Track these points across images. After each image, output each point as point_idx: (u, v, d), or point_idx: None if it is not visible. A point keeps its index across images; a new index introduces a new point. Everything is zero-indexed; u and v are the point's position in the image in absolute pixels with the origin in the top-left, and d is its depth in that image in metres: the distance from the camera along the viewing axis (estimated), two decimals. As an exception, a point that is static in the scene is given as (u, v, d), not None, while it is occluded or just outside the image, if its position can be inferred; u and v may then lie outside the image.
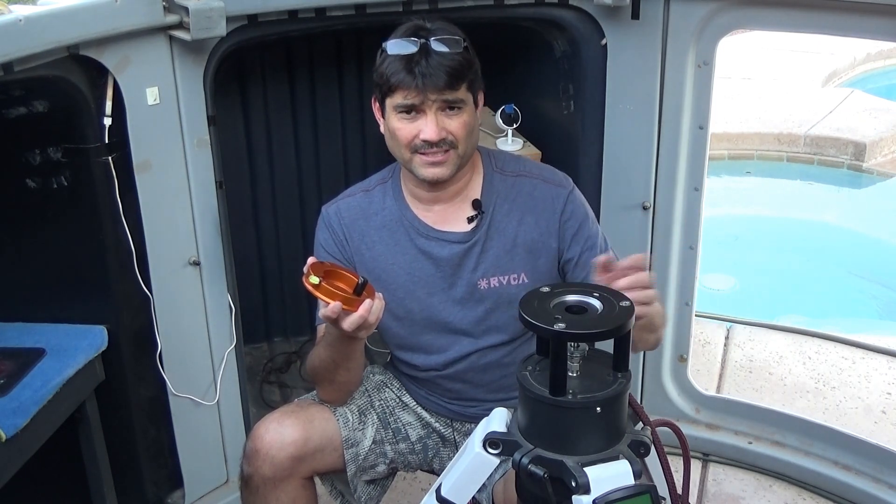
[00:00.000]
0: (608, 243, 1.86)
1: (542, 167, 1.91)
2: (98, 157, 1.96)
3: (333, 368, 1.76)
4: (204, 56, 2.03)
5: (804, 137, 6.06)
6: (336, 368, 1.76)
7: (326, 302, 1.53)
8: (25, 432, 1.82)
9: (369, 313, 1.55)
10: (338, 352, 1.71)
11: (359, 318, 1.55)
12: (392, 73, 1.66)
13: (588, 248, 1.80)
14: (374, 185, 1.88)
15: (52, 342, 2.04)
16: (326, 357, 1.74)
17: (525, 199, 1.82)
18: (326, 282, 1.55)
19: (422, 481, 2.44)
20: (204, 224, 2.16)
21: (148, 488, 2.31)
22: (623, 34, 2.27)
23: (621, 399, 1.25)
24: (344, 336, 1.61)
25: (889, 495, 2.36)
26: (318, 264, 1.58)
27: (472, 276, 1.81)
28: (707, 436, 2.63)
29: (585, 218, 1.83)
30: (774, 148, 6.11)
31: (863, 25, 2.08)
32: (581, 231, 1.81)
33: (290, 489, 1.79)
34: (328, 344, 1.71)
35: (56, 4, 1.82)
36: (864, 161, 5.88)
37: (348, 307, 1.54)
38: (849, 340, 3.26)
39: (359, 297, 1.56)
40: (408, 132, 1.69)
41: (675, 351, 2.60)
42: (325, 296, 1.53)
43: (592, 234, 1.82)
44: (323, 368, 1.77)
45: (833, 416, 2.81)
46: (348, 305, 1.54)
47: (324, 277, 1.55)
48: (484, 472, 1.31)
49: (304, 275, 1.55)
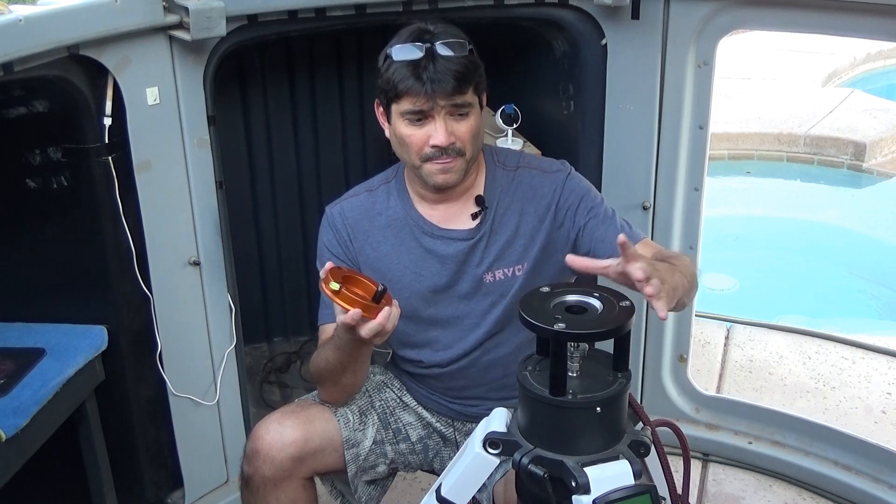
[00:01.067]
0: (617, 215, 1.84)
1: (540, 159, 1.93)
2: (98, 157, 1.96)
3: (340, 371, 1.76)
4: (204, 56, 2.03)
5: (804, 137, 6.06)
6: (342, 371, 1.76)
7: (346, 308, 1.53)
8: (25, 432, 1.82)
9: (388, 321, 1.56)
10: (346, 355, 1.71)
11: (377, 326, 1.55)
12: (399, 80, 1.65)
13: (593, 217, 1.80)
14: (377, 184, 1.88)
15: (52, 342, 2.04)
16: (333, 359, 1.74)
17: (525, 190, 1.83)
18: (345, 287, 1.55)
19: (422, 481, 2.44)
20: (204, 224, 2.16)
21: (148, 488, 2.31)
22: (623, 34, 2.27)
23: (621, 399, 1.25)
24: (357, 341, 1.61)
25: (889, 495, 2.36)
26: (336, 269, 1.58)
27: (478, 270, 1.81)
28: (707, 436, 2.63)
29: (587, 192, 1.83)
30: (774, 148, 6.11)
31: (863, 25, 2.08)
32: (583, 203, 1.80)
33: (291, 489, 1.79)
34: (336, 347, 1.71)
35: (56, 4, 1.82)
36: (864, 161, 5.88)
37: (367, 314, 1.54)
38: (849, 340, 3.26)
39: (377, 304, 1.57)
40: (418, 139, 1.69)
41: (675, 351, 2.61)
42: (345, 302, 1.53)
43: (596, 203, 1.82)
44: (328, 370, 1.77)
45: (833, 416, 2.81)
46: (367, 312, 1.54)
47: (342, 283, 1.55)
48: (484, 473, 1.31)
49: (323, 280, 1.55)
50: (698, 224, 2.46)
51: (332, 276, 1.54)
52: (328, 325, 1.84)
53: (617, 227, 1.79)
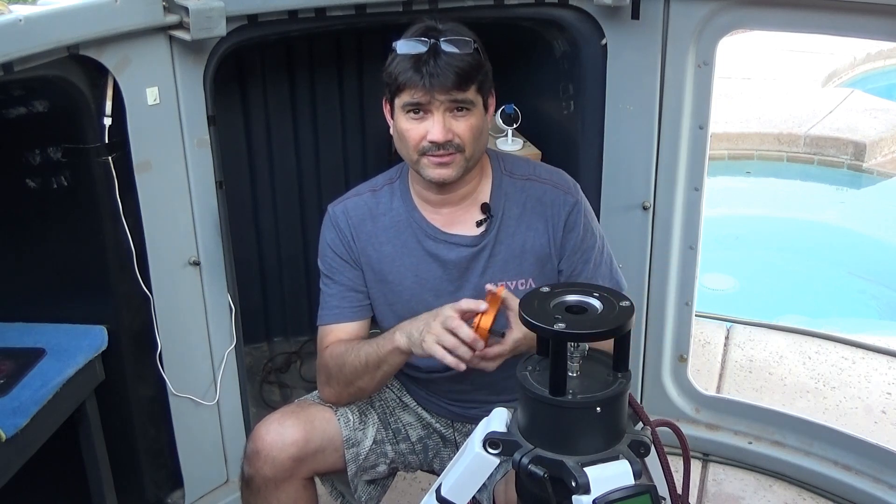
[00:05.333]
0: (607, 250, 1.86)
1: (551, 171, 1.90)
2: (98, 157, 1.96)
3: (363, 372, 1.75)
4: (204, 56, 2.03)
5: (804, 137, 6.06)
6: (365, 373, 1.75)
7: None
8: (25, 432, 1.82)
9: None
10: (385, 361, 1.72)
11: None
12: (400, 73, 1.66)
13: (582, 263, 1.82)
14: (381, 185, 1.87)
15: (52, 342, 2.04)
16: (365, 358, 1.73)
17: (534, 204, 1.82)
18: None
19: (422, 481, 2.44)
20: (204, 224, 2.16)
21: (148, 488, 2.31)
22: (623, 34, 2.27)
23: (621, 399, 1.25)
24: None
25: (889, 495, 2.36)
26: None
27: (481, 280, 1.80)
28: (707, 436, 2.63)
29: (587, 232, 1.83)
30: (774, 148, 6.11)
31: (863, 25, 2.08)
32: (581, 245, 1.82)
33: (291, 490, 1.79)
34: (379, 346, 1.71)
35: (56, 4, 1.82)
36: (864, 161, 5.88)
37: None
38: (849, 340, 3.26)
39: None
40: (416, 133, 1.69)
41: (675, 351, 2.61)
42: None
43: (588, 247, 1.82)
44: (351, 367, 1.75)
45: (833, 416, 2.81)
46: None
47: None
48: (484, 473, 1.31)
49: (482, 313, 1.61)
50: (698, 224, 2.46)
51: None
52: (328, 325, 1.84)
53: (603, 275, 1.82)
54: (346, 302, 1.83)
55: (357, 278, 1.83)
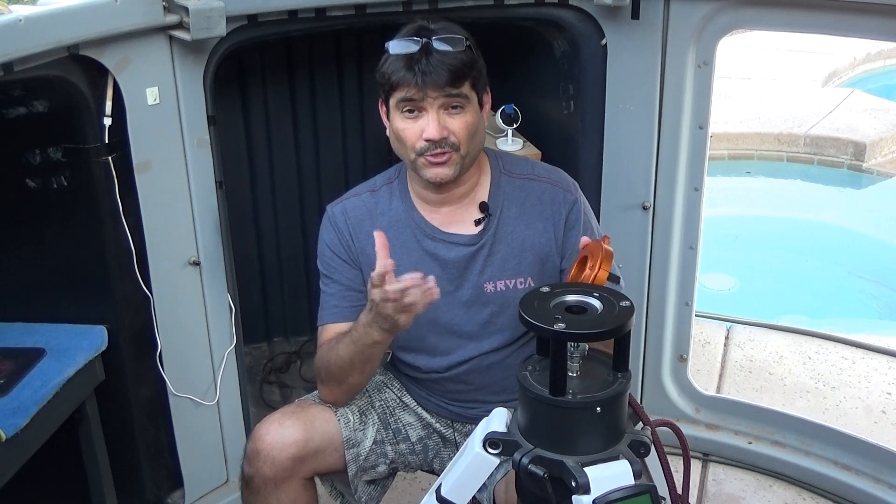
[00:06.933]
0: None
1: (549, 169, 1.91)
2: (98, 157, 1.96)
3: (349, 369, 1.75)
4: (204, 56, 2.03)
5: (804, 137, 6.06)
6: (352, 370, 1.75)
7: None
8: (25, 432, 1.82)
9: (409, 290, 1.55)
10: (359, 353, 1.71)
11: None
12: (393, 72, 1.67)
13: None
14: (380, 185, 1.88)
15: (52, 342, 2.04)
16: (346, 356, 1.73)
17: (533, 203, 1.82)
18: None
19: (422, 481, 2.44)
20: (204, 224, 2.16)
21: (148, 488, 2.31)
22: (623, 34, 2.27)
23: (621, 399, 1.25)
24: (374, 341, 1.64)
25: (889, 495, 2.36)
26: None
27: (479, 279, 1.81)
28: (707, 436, 2.63)
29: (587, 230, 1.83)
30: (774, 148, 6.11)
31: (863, 25, 2.08)
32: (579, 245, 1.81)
33: (291, 490, 1.79)
34: (352, 341, 1.70)
35: (56, 4, 1.82)
36: (864, 161, 5.88)
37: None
38: (849, 340, 3.26)
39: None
40: (411, 133, 1.69)
41: (675, 351, 2.61)
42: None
43: None
44: (338, 367, 1.76)
45: (833, 416, 2.81)
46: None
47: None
48: (484, 472, 1.31)
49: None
50: (698, 224, 2.46)
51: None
52: (328, 325, 1.84)
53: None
54: (346, 301, 1.84)
55: (356, 278, 1.84)
